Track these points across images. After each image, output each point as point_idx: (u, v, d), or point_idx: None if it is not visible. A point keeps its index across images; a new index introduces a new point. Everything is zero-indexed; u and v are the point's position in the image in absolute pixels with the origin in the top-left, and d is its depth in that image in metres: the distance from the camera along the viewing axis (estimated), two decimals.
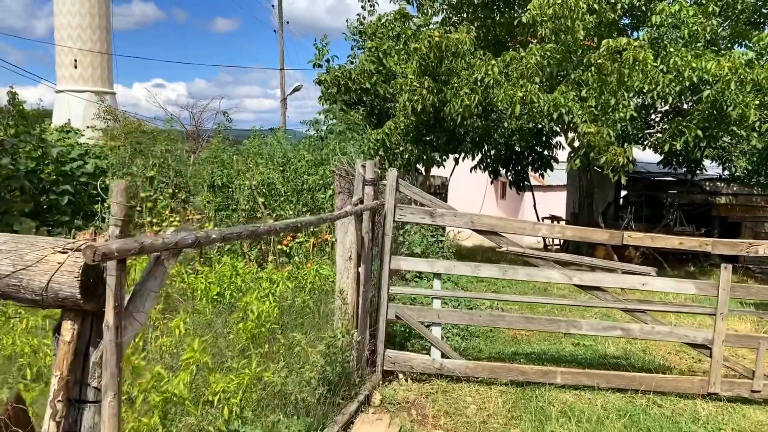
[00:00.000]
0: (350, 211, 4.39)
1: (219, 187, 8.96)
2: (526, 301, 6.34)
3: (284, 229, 3.29)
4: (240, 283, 6.95)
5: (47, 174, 9.63)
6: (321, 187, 8.64)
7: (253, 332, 5.21)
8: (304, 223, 3.53)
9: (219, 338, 5.88)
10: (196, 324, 6.37)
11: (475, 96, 10.93)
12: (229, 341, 5.49)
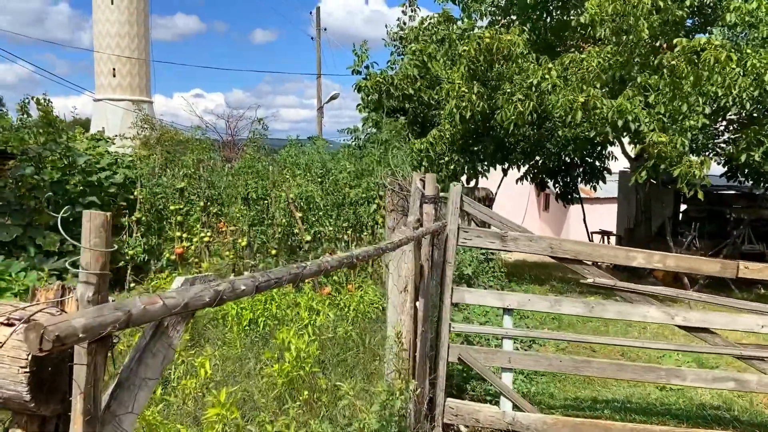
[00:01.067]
0: (412, 237, 3.57)
1: (254, 200, 8.25)
2: (619, 344, 5.39)
3: (337, 266, 2.49)
4: (275, 310, 6.18)
5: (73, 185, 9.07)
6: (364, 201, 7.85)
7: (290, 376, 4.40)
8: (361, 256, 2.73)
9: (251, 378, 5.10)
10: (226, 357, 5.62)
11: (529, 102, 10.02)
12: (263, 385, 4.70)
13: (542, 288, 12.06)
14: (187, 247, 8.70)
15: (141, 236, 9.04)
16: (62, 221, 9.50)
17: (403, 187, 4.69)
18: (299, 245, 8.50)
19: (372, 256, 2.94)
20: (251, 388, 4.78)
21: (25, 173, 8.77)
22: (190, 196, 8.91)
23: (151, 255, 9.20)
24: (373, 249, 2.93)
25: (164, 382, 5.13)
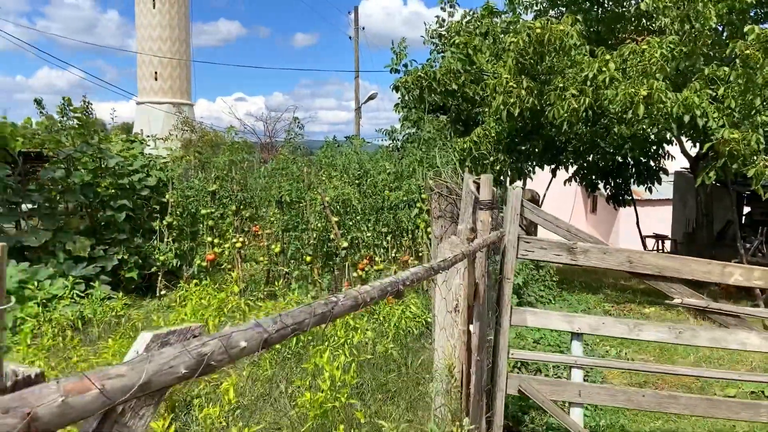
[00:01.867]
0: (468, 253, 2.97)
1: (288, 203, 7.76)
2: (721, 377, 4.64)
3: (379, 297, 1.91)
4: None
5: (104, 187, 8.76)
6: (405, 205, 7.26)
7: (324, 407, 3.84)
8: (409, 280, 2.15)
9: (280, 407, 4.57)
10: (254, 377, 5.11)
11: (584, 98, 9.25)
12: (293, 416, 4.16)
13: (596, 297, 11.24)
14: (219, 253, 8.27)
15: (173, 241, 8.66)
16: (92, 226, 9.23)
17: (452, 191, 4.08)
18: (335, 251, 7.97)
19: (422, 278, 2.35)
20: (280, 419, 4.25)
21: (55, 176, 8.49)
22: (222, 200, 8.48)
23: (183, 260, 8.82)
24: (424, 270, 2.34)
25: (186, 406, 4.65)
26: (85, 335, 6.36)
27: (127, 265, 8.74)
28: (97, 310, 6.45)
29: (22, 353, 4.65)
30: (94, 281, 8.08)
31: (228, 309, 6.06)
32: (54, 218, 8.59)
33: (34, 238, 8.07)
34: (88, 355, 5.26)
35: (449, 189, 4.21)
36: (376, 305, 7.28)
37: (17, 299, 6.51)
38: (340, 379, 3.92)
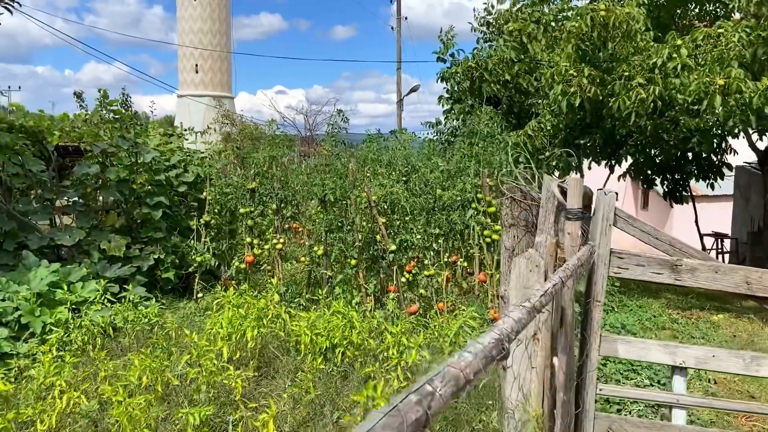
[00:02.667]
0: (565, 278, 2.36)
1: (331, 202, 7.24)
2: None
3: (486, 365, 1.34)
4: (356, 339, 5.10)
5: (140, 184, 8.40)
6: (459, 206, 6.65)
7: None
8: (515, 332, 1.57)
9: None
10: (297, 401, 4.60)
11: (653, 87, 8.45)
12: None
13: (658, 302, 10.41)
14: (258, 254, 7.82)
15: (210, 240, 8.25)
16: (128, 224, 8.90)
17: (526, 195, 3.46)
18: (382, 254, 7.41)
19: (527, 323, 1.76)
20: None
21: (89, 171, 8.17)
22: (261, 198, 8.02)
23: (222, 260, 8.41)
24: (527, 313, 1.75)
25: None
26: (117, 343, 5.98)
27: (164, 265, 8.38)
28: (129, 316, 6.06)
29: (46, 368, 4.26)
30: (128, 282, 7.73)
31: (268, 319, 5.58)
32: (89, 216, 8.29)
33: (67, 237, 7.76)
34: (116, 370, 4.85)
35: (523, 193, 3.59)
36: (426, 313, 6.72)
37: (47, 303, 6.17)
38: None
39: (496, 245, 6.53)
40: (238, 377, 4.41)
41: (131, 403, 3.69)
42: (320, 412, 4.53)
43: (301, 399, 4.51)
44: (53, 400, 3.87)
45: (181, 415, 3.71)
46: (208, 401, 4.34)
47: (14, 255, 7.47)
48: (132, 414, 3.64)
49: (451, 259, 7.47)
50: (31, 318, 5.87)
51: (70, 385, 4.53)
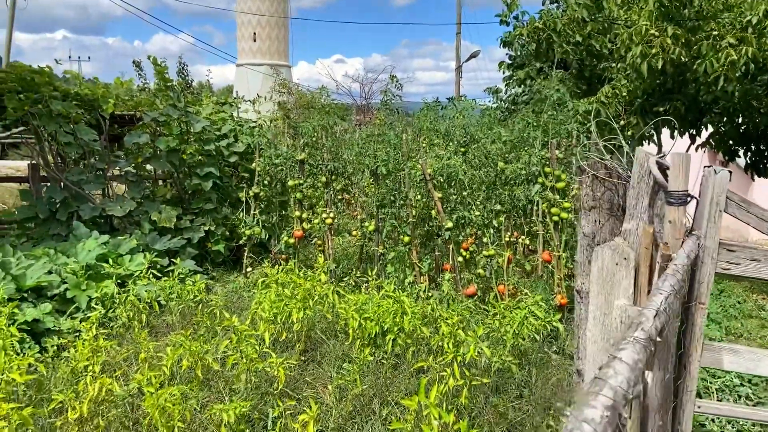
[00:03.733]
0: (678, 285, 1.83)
1: (384, 174, 6.78)
2: None
3: None
4: (408, 326, 4.68)
5: (190, 154, 8.18)
6: (523, 180, 6.07)
7: None
8: None
9: None
10: (343, 390, 4.25)
11: (746, 48, 7.49)
12: None
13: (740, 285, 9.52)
14: (308, 229, 7.48)
15: (260, 213, 7.98)
16: (179, 195, 8.74)
17: (612, 172, 2.90)
18: (437, 231, 6.94)
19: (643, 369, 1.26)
20: None
21: (140, 141, 8.01)
22: (311, 170, 7.64)
23: (271, 233, 8.14)
24: (639, 354, 1.25)
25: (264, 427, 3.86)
26: (162, 320, 5.79)
27: (214, 237, 8.19)
28: (175, 292, 5.85)
29: (80, 350, 4.05)
30: (178, 255, 7.58)
31: (314, 301, 5.23)
32: (140, 186, 8.15)
33: (119, 207, 7.65)
34: (157, 351, 4.62)
35: (609, 170, 3.03)
36: (485, 295, 6.23)
37: (94, 276, 6.03)
38: (454, 428, 2.94)
39: (563, 224, 5.93)
40: (281, 365, 4.08)
41: (164, 394, 3.41)
42: (368, 406, 4.16)
43: (348, 392, 4.14)
44: (85, 386, 3.65)
45: (216, 411, 3.41)
46: (249, 390, 4.04)
47: (67, 225, 7.42)
48: (165, 407, 3.36)
49: (512, 237, 6.92)
50: (77, 292, 5.74)
51: (106, 369, 4.33)
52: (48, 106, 7.33)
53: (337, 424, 3.91)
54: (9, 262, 5.63)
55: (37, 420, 3.42)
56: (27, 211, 7.43)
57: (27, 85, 7.25)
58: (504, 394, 4.21)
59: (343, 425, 3.93)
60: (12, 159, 21.78)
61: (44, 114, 7.34)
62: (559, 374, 4.39)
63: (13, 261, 5.69)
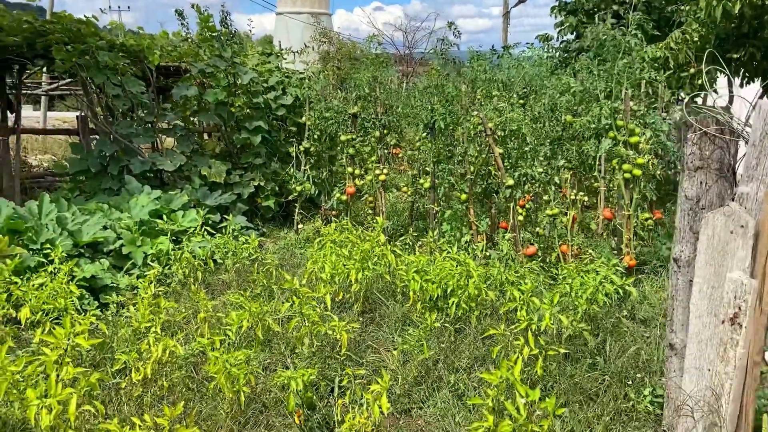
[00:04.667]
0: None
1: (440, 129, 6.46)
2: None
3: None
4: (472, 289, 4.47)
5: (238, 107, 7.99)
6: (593, 134, 5.68)
7: None
8: None
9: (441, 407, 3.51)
10: (407, 355, 4.10)
11: None
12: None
13: None
14: (360, 185, 7.27)
15: (310, 168, 7.79)
16: (227, 150, 8.61)
17: (723, 127, 2.56)
18: (496, 189, 6.64)
19: None
20: None
21: (188, 94, 7.84)
22: (363, 123, 7.37)
23: (322, 188, 7.97)
24: None
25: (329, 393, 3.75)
26: (217, 278, 5.73)
27: (264, 192, 8.07)
28: (230, 249, 5.75)
29: (141, 310, 3.98)
30: (229, 211, 7.49)
31: (373, 261, 5.05)
32: (189, 140, 8.04)
33: (169, 162, 7.56)
34: (216, 311, 4.54)
35: (720, 125, 2.68)
36: (548, 256, 5.96)
37: (147, 233, 5.98)
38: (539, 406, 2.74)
39: (636, 181, 5.56)
40: (344, 329, 3.94)
41: (229, 359, 3.31)
42: (433, 371, 4.01)
43: (413, 357, 3.99)
44: (148, 347, 3.58)
45: (283, 378, 3.29)
46: (312, 354, 3.92)
47: (118, 179, 7.39)
48: (230, 371, 3.26)
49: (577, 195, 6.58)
50: (132, 248, 5.70)
51: (166, 328, 4.27)
52: (95, 58, 7.19)
53: (403, 390, 3.78)
54: (65, 217, 5.60)
55: (101, 381, 3.36)
56: (79, 165, 7.41)
57: (73, 36, 7.11)
58: (576, 363, 3.99)
59: (409, 391, 3.79)
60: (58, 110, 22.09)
61: (92, 65, 7.21)
62: (637, 343, 4.13)
63: (69, 216, 5.66)
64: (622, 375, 3.83)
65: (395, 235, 7.17)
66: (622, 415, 3.45)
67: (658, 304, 5.06)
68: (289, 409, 3.25)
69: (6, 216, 5.15)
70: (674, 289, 3.00)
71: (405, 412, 3.63)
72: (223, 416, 3.35)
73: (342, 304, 5.07)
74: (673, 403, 3.00)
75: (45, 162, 13.29)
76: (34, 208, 5.60)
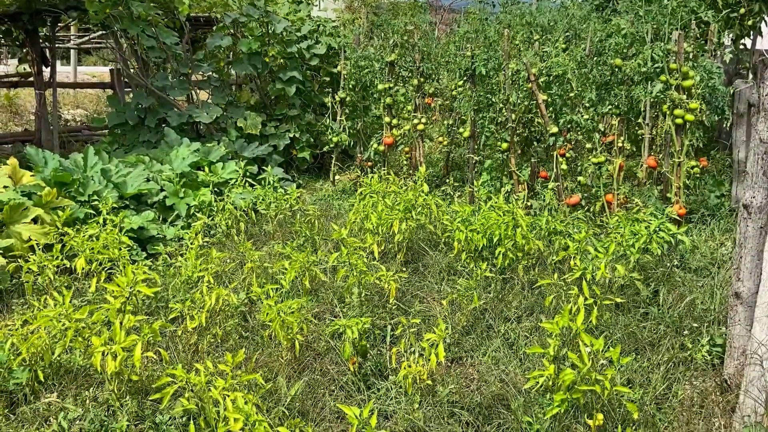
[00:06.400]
0: None
1: (481, 76, 6.28)
2: None
3: None
4: (519, 239, 4.42)
5: (272, 57, 7.87)
6: (643, 78, 5.45)
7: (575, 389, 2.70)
8: None
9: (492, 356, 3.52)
10: (455, 304, 4.09)
11: None
12: (528, 392, 3.09)
13: None
14: (397, 135, 7.17)
15: (345, 119, 7.69)
16: (262, 101, 8.53)
17: None
18: (537, 137, 6.49)
19: None
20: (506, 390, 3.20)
21: (222, 44, 7.74)
22: (400, 72, 7.20)
23: (357, 140, 7.89)
24: None
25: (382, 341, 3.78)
26: (260, 229, 5.76)
27: (299, 144, 8.02)
28: (270, 200, 5.75)
29: (192, 261, 4.03)
30: (265, 163, 7.48)
31: (416, 212, 5.01)
32: (224, 92, 7.98)
33: (205, 114, 7.54)
34: (262, 261, 4.57)
35: None
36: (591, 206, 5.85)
37: (189, 184, 6.01)
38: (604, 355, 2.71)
39: (687, 127, 5.36)
40: (392, 278, 3.94)
41: (282, 307, 3.34)
42: (481, 321, 4.00)
43: (462, 307, 3.98)
44: (201, 296, 3.63)
45: (338, 327, 3.31)
46: (360, 304, 3.94)
47: (156, 132, 7.40)
48: (285, 320, 3.29)
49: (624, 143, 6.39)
50: (175, 200, 5.74)
51: (218, 279, 4.32)
52: (129, 8, 7.10)
53: (453, 339, 3.78)
54: (109, 169, 5.65)
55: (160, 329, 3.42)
56: (116, 118, 7.43)
57: None
58: (628, 313, 3.94)
59: (459, 340, 3.80)
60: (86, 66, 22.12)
61: (125, 17, 7.14)
62: (691, 293, 4.06)
63: (113, 168, 5.71)
64: (676, 325, 3.77)
65: (431, 186, 7.10)
66: (678, 365, 3.41)
67: (709, 253, 4.94)
68: (345, 356, 3.28)
69: (53, 168, 5.21)
70: (743, 236, 2.90)
71: (456, 361, 3.65)
72: (280, 363, 3.40)
73: (384, 255, 5.07)
74: (736, 353, 2.95)
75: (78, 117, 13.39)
76: (79, 161, 5.65)
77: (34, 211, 4.76)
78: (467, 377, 3.43)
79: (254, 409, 2.55)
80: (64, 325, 3.06)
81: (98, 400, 3.10)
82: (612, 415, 2.89)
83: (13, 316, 3.95)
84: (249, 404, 2.54)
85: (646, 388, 3.22)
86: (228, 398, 2.56)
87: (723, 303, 3.89)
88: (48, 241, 4.56)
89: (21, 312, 4.00)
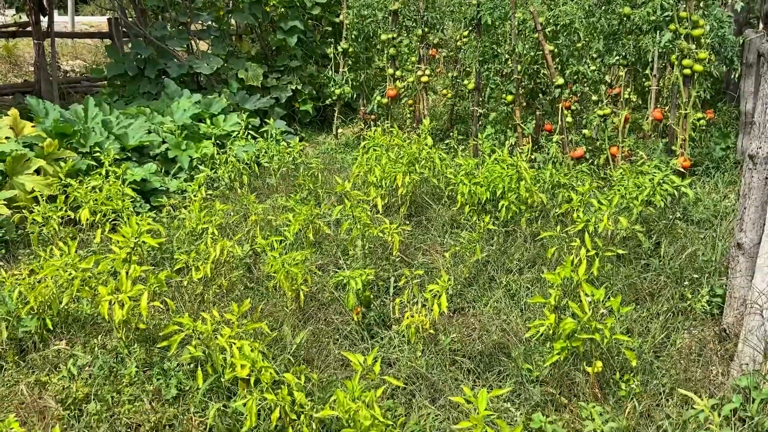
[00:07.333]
0: None
1: (487, 25, 6.15)
2: None
3: None
4: (523, 192, 4.41)
5: (272, 6, 7.69)
6: (652, 27, 5.33)
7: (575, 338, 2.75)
8: None
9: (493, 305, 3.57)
10: (457, 256, 4.12)
11: None
12: (531, 343, 3.14)
13: None
14: (400, 87, 7.06)
15: (348, 71, 7.57)
16: (263, 52, 8.38)
17: None
18: (543, 89, 6.40)
19: None
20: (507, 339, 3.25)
21: None
22: (404, 21, 7.04)
23: (361, 92, 7.78)
24: None
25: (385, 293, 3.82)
26: (263, 182, 5.75)
27: (301, 96, 7.93)
28: (273, 153, 5.72)
29: (196, 212, 4.04)
30: (268, 115, 7.41)
31: (420, 165, 4.98)
32: (224, 42, 7.84)
33: (206, 65, 7.43)
34: (266, 214, 4.58)
35: None
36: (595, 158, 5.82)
37: (191, 137, 5.97)
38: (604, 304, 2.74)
39: (695, 79, 5.27)
40: (395, 231, 3.95)
41: (286, 259, 3.36)
42: (484, 273, 4.04)
43: (464, 259, 4.00)
44: (206, 248, 3.65)
45: (342, 278, 3.35)
46: (364, 256, 3.97)
47: (156, 83, 7.31)
48: (289, 271, 3.32)
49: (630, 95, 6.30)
50: (177, 152, 5.72)
51: (222, 231, 4.34)
52: None
53: (455, 290, 3.82)
54: (110, 121, 5.60)
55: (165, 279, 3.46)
56: (116, 68, 7.33)
57: None
58: (630, 265, 3.96)
59: (461, 291, 3.84)
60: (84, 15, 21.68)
61: None
62: (692, 245, 4.07)
63: (114, 120, 5.66)
64: (677, 276, 3.80)
65: (434, 139, 7.05)
66: (678, 315, 3.46)
67: (713, 205, 4.94)
68: (349, 306, 3.33)
69: (54, 119, 5.16)
70: (747, 187, 2.88)
71: (458, 311, 3.70)
72: (285, 313, 3.45)
73: (388, 208, 5.07)
74: (736, 302, 2.98)
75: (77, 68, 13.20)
76: (79, 112, 5.60)
77: (37, 162, 4.76)
78: (469, 327, 3.49)
79: (260, 356, 2.60)
80: (70, 274, 3.10)
81: (107, 348, 3.16)
82: (611, 362, 2.95)
83: (20, 266, 3.99)
84: (255, 351, 2.59)
85: (645, 337, 3.27)
86: (234, 346, 2.60)
87: (724, 254, 3.91)
88: (51, 193, 4.58)
89: (27, 262, 4.05)
